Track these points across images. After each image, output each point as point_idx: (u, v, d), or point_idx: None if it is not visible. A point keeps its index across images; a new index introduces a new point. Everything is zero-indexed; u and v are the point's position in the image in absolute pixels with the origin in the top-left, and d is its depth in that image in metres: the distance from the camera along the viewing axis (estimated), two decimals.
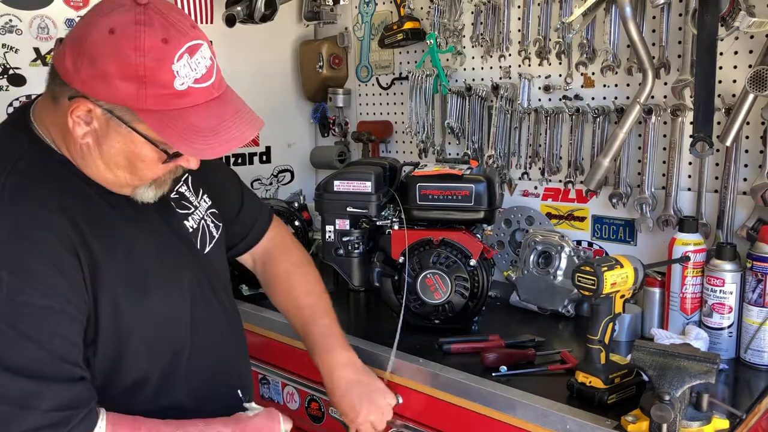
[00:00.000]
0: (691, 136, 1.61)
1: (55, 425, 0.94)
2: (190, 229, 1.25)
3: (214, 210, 1.33)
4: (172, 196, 1.23)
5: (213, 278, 1.27)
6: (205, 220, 1.29)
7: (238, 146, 1.04)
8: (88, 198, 1.08)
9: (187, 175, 1.27)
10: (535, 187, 2.04)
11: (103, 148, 1.03)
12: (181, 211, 1.25)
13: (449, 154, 2.26)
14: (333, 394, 1.41)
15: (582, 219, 1.96)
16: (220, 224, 1.34)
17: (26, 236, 0.97)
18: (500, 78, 2.10)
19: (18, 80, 1.92)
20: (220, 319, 1.29)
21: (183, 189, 1.27)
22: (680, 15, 1.69)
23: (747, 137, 1.63)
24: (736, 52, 1.63)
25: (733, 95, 1.62)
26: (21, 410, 0.93)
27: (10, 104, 1.90)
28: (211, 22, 2.26)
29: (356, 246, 1.82)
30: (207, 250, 1.28)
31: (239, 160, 2.47)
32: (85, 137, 1.02)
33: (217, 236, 1.32)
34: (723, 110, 1.62)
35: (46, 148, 1.07)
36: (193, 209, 1.27)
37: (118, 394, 1.11)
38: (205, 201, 1.32)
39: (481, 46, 2.10)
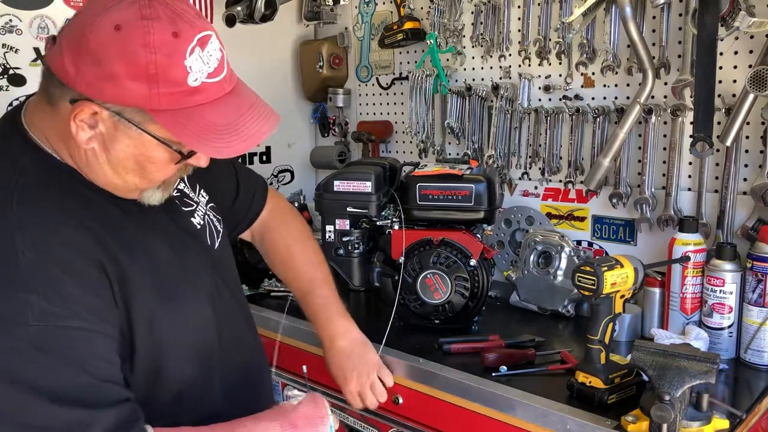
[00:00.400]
0: (691, 136, 1.61)
1: None
2: (198, 227, 1.21)
3: (212, 204, 1.30)
4: (174, 194, 1.18)
5: (224, 274, 1.25)
6: (209, 215, 1.26)
7: (258, 142, 0.98)
8: (100, 207, 1.02)
9: None
10: (535, 187, 2.04)
11: (111, 153, 0.97)
12: (185, 209, 1.20)
13: (449, 154, 2.26)
14: (328, 362, 1.44)
15: (582, 219, 1.96)
16: (221, 218, 1.31)
17: (52, 255, 0.91)
18: (500, 78, 2.10)
19: (18, 80, 1.92)
20: (238, 315, 1.27)
21: (182, 186, 1.23)
22: (680, 15, 1.69)
23: (747, 137, 1.63)
24: (736, 52, 1.63)
25: (733, 95, 1.62)
26: None
27: (10, 104, 1.89)
28: (211, 22, 2.26)
29: (356, 246, 1.82)
30: (216, 245, 1.25)
31: (239, 160, 2.46)
32: (90, 142, 0.96)
33: (222, 230, 1.29)
34: (723, 110, 1.62)
35: (46, 156, 1.00)
36: (195, 206, 1.23)
37: (158, 408, 1.06)
38: (203, 196, 1.28)
39: (481, 46, 2.10)
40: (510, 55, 2.07)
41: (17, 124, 1.02)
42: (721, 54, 1.62)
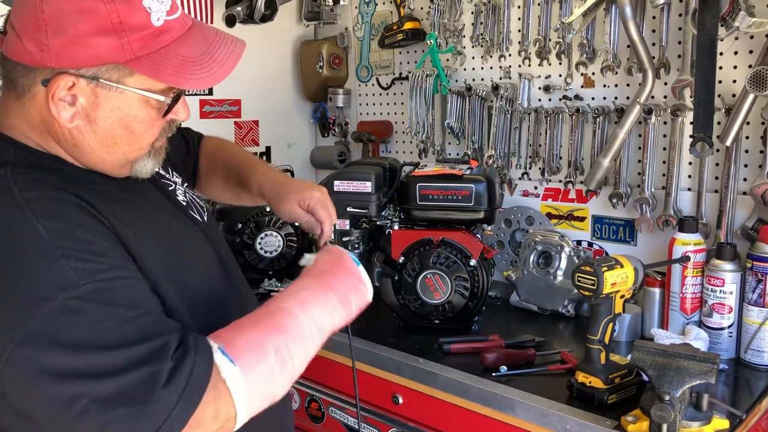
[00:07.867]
0: (691, 136, 1.61)
1: (182, 358, 0.86)
2: (184, 203, 1.20)
3: (187, 184, 1.29)
4: (154, 176, 1.14)
5: (218, 246, 1.22)
6: (188, 193, 1.24)
7: (235, 65, 0.98)
8: (96, 183, 0.99)
9: None
10: (535, 187, 2.04)
11: (97, 124, 0.94)
12: (170, 189, 1.19)
13: (449, 154, 2.26)
14: (314, 203, 1.32)
15: (582, 219, 1.96)
16: (199, 196, 1.30)
17: (69, 220, 0.88)
18: (500, 78, 2.10)
19: None
20: (237, 287, 1.23)
21: (157, 169, 1.18)
22: (680, 15, 1.69)
23: (747, 137, 1.63)
24: (736, 52, 1.63)
25: (733, 95, 1.62)
26: (154, 365, 0.84)
27: None
28: (212, 22, 2.26)
29: (356, 246, 1.82)
30: (205, 219, 1.23)
31: None
32: (74, 119, 0.93)
33: (205, 205, 1.27)
34: (723, 110, 1.62)
35: (29, 149, 0.96)
36: (174, 185, 1.22)
37: None
38: (176, 176, 1.26)
39: (481, 46, 2.11)
40: (510, 55, 2.07)
41: None
42: (721, 54, 1.62)
